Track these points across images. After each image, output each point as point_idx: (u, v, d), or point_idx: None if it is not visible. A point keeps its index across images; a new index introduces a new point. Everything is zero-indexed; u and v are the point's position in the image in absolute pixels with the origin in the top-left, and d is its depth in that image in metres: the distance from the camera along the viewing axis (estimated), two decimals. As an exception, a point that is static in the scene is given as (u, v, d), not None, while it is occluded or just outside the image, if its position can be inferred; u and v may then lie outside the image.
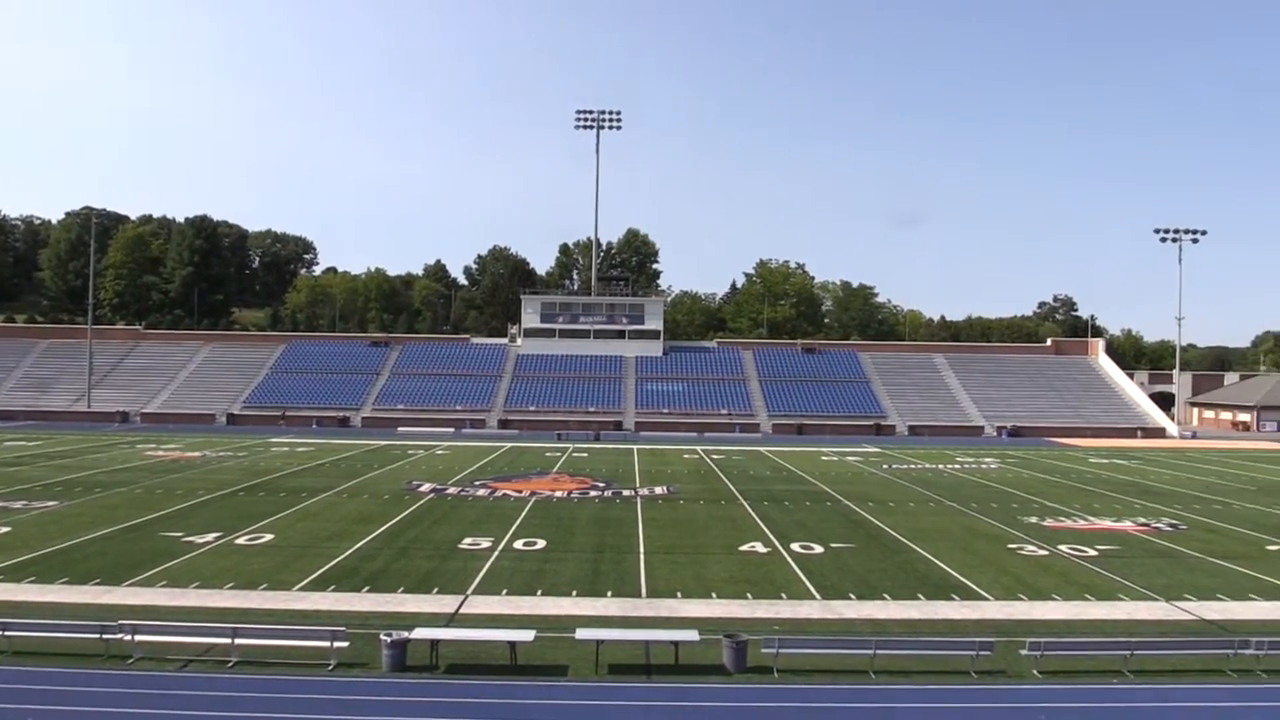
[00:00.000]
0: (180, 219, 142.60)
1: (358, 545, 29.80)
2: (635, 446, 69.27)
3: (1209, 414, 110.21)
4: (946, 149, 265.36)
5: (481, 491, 42.99)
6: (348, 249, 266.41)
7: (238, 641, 18.24)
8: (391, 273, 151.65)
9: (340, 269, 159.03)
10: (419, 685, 17.15)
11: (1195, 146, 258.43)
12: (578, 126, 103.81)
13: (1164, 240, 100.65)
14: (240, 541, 30.13)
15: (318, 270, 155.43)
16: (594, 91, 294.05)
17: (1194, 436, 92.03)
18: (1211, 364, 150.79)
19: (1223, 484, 51.53)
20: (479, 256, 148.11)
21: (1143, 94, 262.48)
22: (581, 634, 18.98)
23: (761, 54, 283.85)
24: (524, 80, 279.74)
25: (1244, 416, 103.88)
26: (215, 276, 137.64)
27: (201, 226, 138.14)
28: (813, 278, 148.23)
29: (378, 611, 21.91)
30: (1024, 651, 18.67)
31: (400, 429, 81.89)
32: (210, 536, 30.63)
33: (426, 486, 44.22)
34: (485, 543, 30.50)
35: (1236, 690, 17.70)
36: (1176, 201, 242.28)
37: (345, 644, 18.31)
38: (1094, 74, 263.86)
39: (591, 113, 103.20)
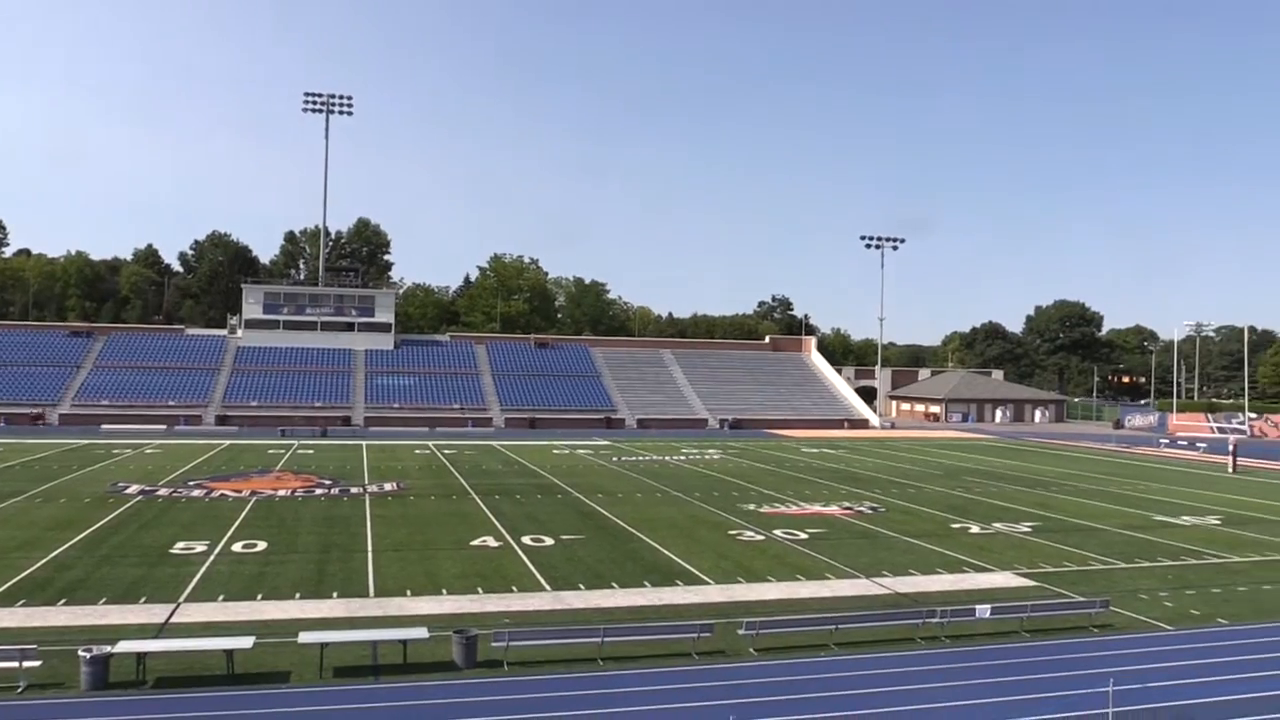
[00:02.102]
0: None
1: (53, 554, 27.32)
2: (364, 442, 67.44)
3: (906, 406, 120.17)
4: (678, 149, 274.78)
5: (196, 492, 40.52)
6: (42, 229, 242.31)
7: (-95, 666, 16.33)
8: (96, 257, 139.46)
9: (35, 251, 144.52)
10: (123, 703, 15.96)
11: (895, 160, 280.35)
12: (306, 110, 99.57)
13: (869, 247, 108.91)
14: (-91, 554, 26.93)
15: (8, 252, 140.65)
16: (325, 75, 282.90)
17: (893, 426, 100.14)
18: (908, 360, 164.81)
19: (916, 469, 56.44)
20: (196, 242, 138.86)
21: (846, 101, 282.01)
22: (305, 637, 18.32)
23: (497, 43, 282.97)
24: (246, 57, 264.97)
25: (935, 408, 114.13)
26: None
27: None
28: (546, 273, 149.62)
29: (76, 625, 20.19)
30: (741, 631, 19.74)
31: (105, 426, 75.59)
32: None
33: (134, 488, 41.16)
34: (200, 546, 28.80)
35: (924, 655, 19.48)
36: (882, 211, 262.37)
37: (37, 663, 16.74)
38: (806, 78, 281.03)
39: (321, 96, 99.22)
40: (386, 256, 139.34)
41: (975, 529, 35.24)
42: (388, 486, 43.71)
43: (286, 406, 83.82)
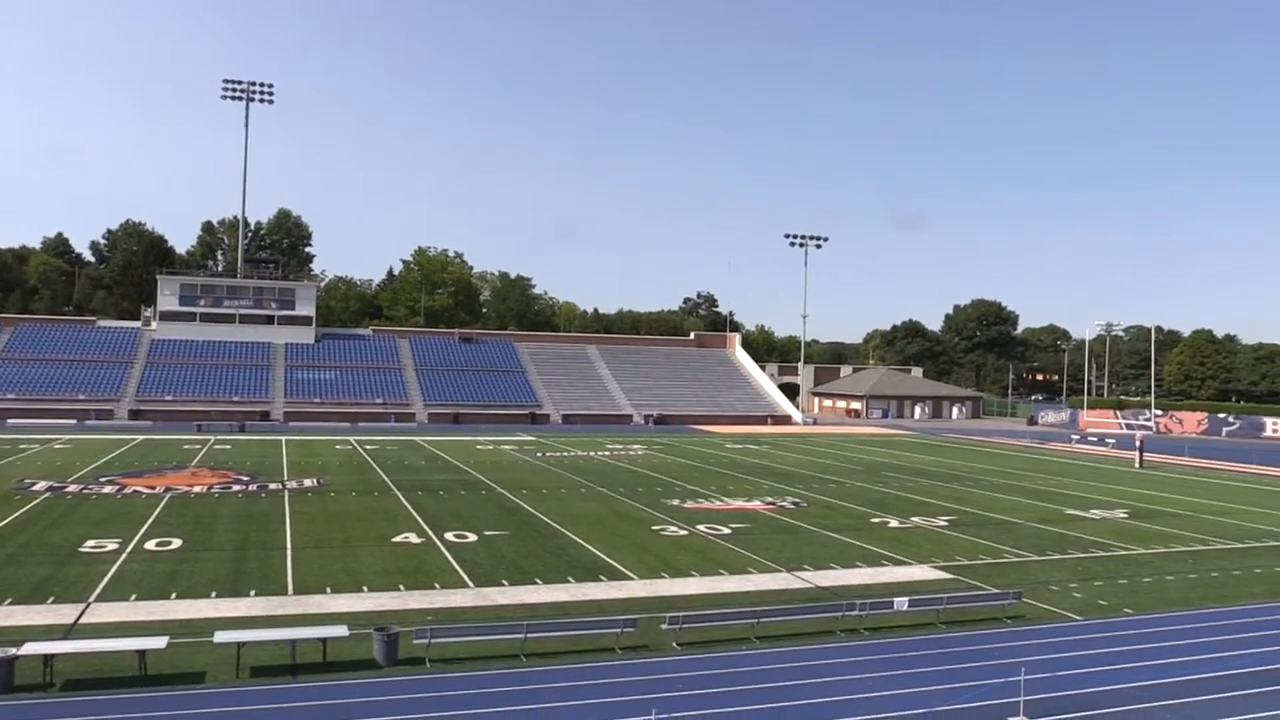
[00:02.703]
0: None
1: (-46, 553, 26.39)
2: (284, 437, 66.27)
3: (828, 402, 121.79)
4: (606, 145, 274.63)
5: (108, 489, 39.44)
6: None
7: None
8: (1, 245, 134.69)
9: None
10: (29, 707, 15.47)
11: (821, 159, 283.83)
12: (224, 97, 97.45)
13: (793, 245, 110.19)
14: None
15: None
16: (245, 62, 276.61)
17: (815, 423, 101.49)
18: (831, 358, 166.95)
19: (838, 465, 57.28)
20: (109, 231, 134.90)
21: (775, 104, 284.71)
22: (221, 636, 17.96)
23: (419, 33, 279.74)
24: (161, 40, 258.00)
25: (856, 405, 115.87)
26: None
27: None
28: (471, 267, 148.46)
29: (-21, 626, 19.54)
30: (664, 626, 19.88)
31: (10, 421, 73.10)
32: None
33: (41, 485, 39.91)
34: (111, 545, 28.05)
35: (843, 648, 19.81)
36: (804, 210, 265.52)
37: (-63, 665, 16.17)
38: (733, 76, 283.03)
39: (240, 83, 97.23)
40: (308, 248, 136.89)
41: (894, 523, 35.91)
42: (308, 483, 43.01)
43: (203, 401, 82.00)
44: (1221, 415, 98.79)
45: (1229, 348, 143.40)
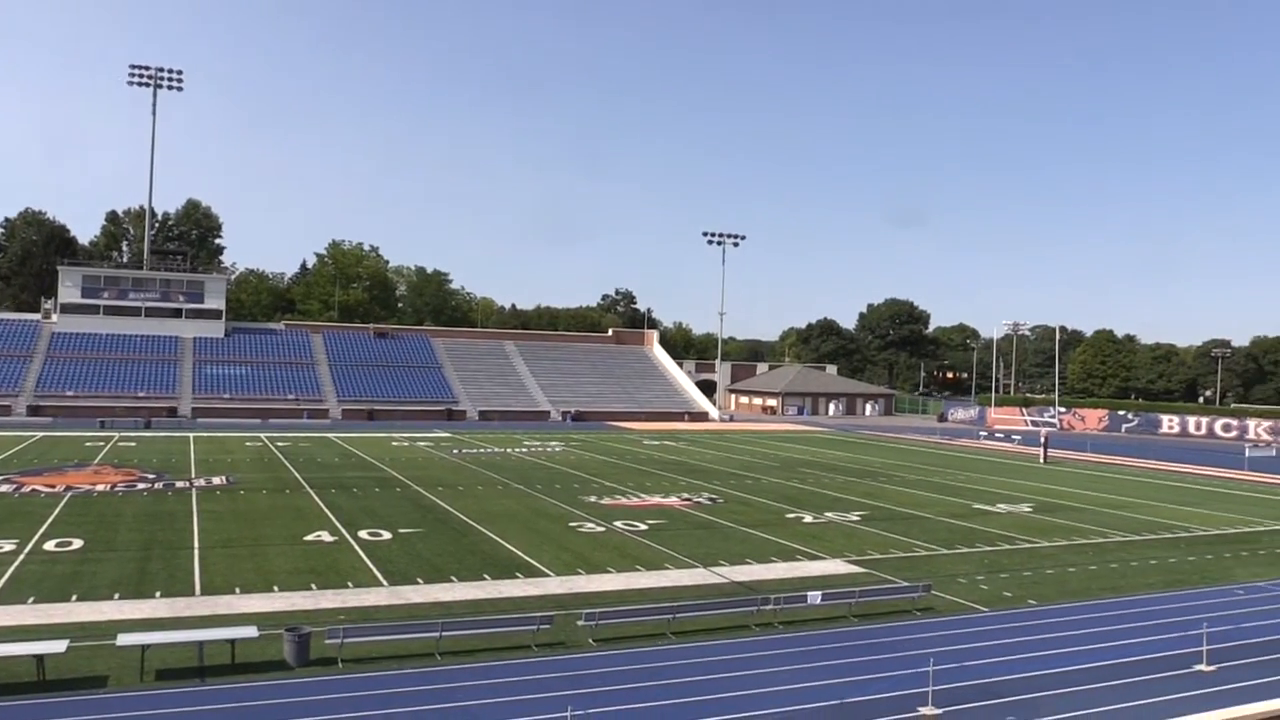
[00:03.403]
0: None
1: None
2: (192, 434, 64.62)
3: (744, 399, 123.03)
4: (522, 142, 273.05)
5: (5, 488, 38.04)
6: None
7: None
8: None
9: None
10: (-82, 713, 14.90)
11: (740, 158, 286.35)
12: (131, 83, 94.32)
13: (710, 243, 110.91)
14: None
15: None
16: (153, 48, 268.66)
17: (731, 419, 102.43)
18: (748, 355, 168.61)
19: (753, 461, 57.91)
20: (6, 220, 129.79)
21: (692, 100, 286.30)
22: (124, 639, 17.47)
23: (328, 19, 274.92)
24: (61, 24, 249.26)
25: (772, 401, 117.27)
26: None
27: None
28: (387, 261, 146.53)
29: None
30: (581, 623, 19.88)
31: (-103, 417, 70.07)
32: None
33: (-68, 484, 38.35)
34: (8, 546, 27.06)
35: (758, 642, 20.05)
36: (722, 209, 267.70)
37: None
38: (647, 74, 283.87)
39: (148, 69, 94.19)
40: (217, 240, 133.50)
41: (808, 518, 36.44)
42: (216, 480, 42.01)
43: (107, 396, 79.42)
44: (1121, 412, 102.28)
45: (1129, 347, 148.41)
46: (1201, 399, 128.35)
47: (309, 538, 29.66)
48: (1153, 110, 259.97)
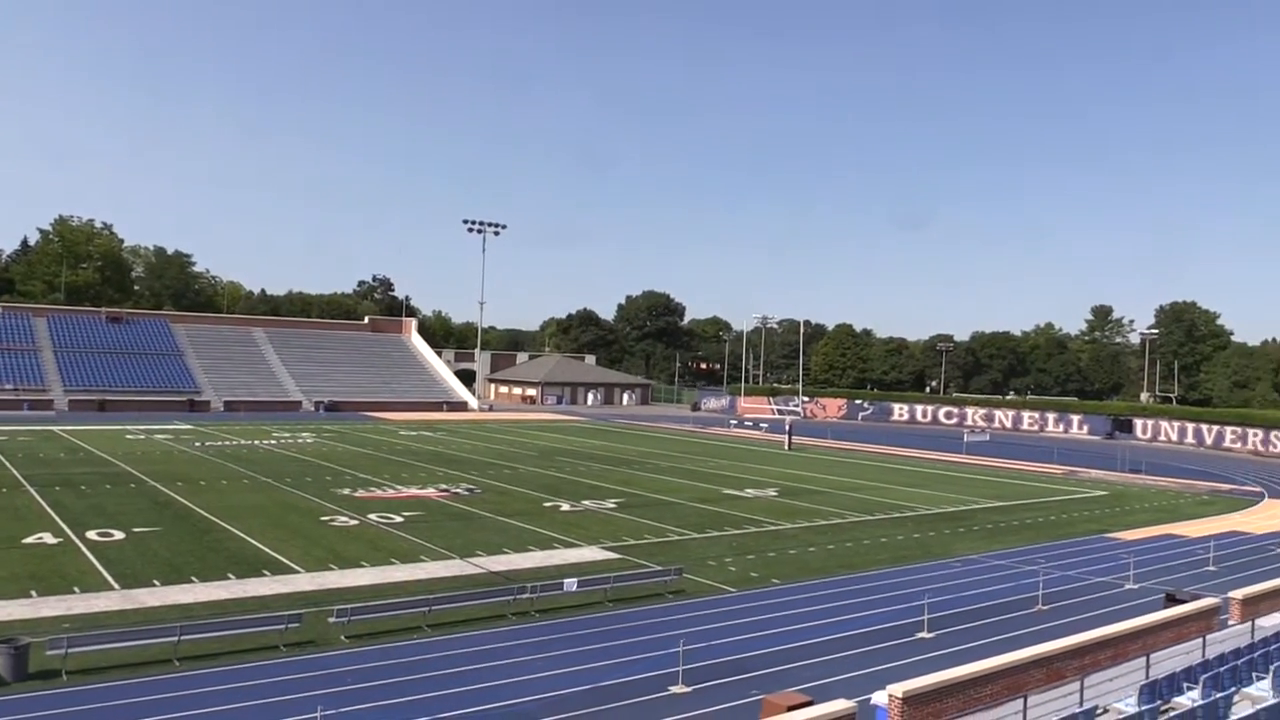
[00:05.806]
0: None
1: None
2: (-115, 429, 57.92)
3: (504, 389, 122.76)
4: (272, 121, 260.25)
5: None
6: None
7: None
8: None
9: None
10: None
11: (503, 147, 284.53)
12: None
13: (471, 231, 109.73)
14: None
15: None
16: None
17: (491, 409, 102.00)
18: (508, 344, 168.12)
19: (513, 450, 57.98)
20: None
21: (453, 85, 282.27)
22: None
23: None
24: None
25: (531, 391, 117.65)
26: None
27: None
28: (122, 240, 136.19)
29: None
30: (332, 620, 19.34)
31: None
32: None
33: None
34: None
35: (514, 630, 20.20)
36: (484, 197, 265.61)
37: None
38: (413, 61, 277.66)
39: None
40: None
41: (566, 507, 36.90)
42: (-84, 479, 37.89)
43: None
44: (858, 401, 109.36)
45: (866, 341, 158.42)
46: (928, 389, 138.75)
47: (28, 540, 27.28)
48: (891, 120, 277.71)
